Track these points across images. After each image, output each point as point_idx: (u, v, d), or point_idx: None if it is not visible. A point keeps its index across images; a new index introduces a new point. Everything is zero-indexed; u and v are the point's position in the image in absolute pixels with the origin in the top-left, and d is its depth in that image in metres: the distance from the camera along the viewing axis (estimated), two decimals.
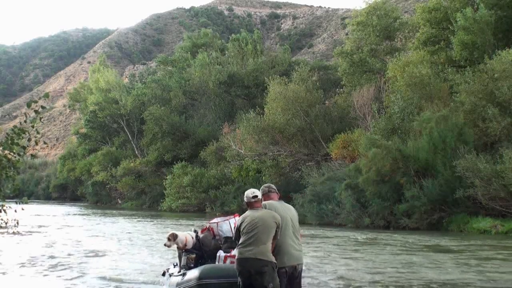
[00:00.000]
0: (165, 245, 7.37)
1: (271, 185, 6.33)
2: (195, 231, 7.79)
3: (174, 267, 7.92)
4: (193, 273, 6.54)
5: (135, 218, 29.70)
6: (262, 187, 6.27)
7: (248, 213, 5.84)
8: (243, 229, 5.70)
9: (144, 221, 27.56)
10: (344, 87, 34.35)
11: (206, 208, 36.15)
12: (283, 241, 5.85)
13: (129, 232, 20.06)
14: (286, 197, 28.83)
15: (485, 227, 18.95)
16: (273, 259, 5.61)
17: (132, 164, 47.97)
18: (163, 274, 8.10)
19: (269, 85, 32.78)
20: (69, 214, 34.74)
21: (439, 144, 21.02)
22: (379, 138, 22.97)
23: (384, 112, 26.93)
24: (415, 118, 23.08)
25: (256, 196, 5.91)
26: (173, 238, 7.28)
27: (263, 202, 5.99)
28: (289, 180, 30.42)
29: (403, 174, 21.58)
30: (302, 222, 5.68)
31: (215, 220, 7.71)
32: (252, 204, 5.89)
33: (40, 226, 22.53)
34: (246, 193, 6.00)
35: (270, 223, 5.67)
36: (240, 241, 5.71)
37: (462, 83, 22.88)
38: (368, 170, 21.94)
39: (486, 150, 21.19)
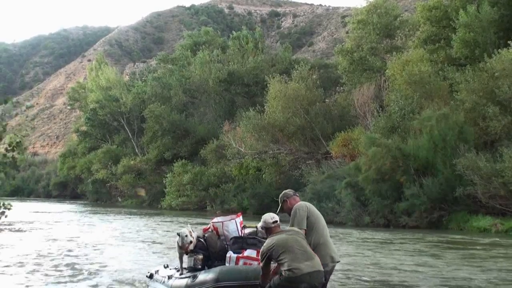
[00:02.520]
0: (190, 242, 6.82)
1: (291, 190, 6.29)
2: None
3: (165, 269, 7.50)
4: (209, 275, 6.12)
5: (135, 216, 29.69)
6: (285, 191, 6.14)
7: (271, 237, 5.57)
8: (277, 251, 5.37)
9: (144, 219, 27.55)
10: (344, 85, 34.35)
11: (207, 206, 36.18)
12: (327, 240, 5.76)
13: (128, 230, 20.07)
14: None
15: (485, 225, 18.97)
16: None
17: (132, 162, 47.99)
18: (150, 277, 7.55)
19: (269, 84, 32.78)
20: (69, 212, 34.73)
21: (439, 142, 21.03)
22: (379, 137, 22.98)
23: (384, 111, 26.92)
24: (415, 116, 23.08)
25: (276, 221, 5.72)
26: (191, 234, 6.86)
27: (300, 203, 5.88)
28: (289, 179, 30.43)
29: (403, 172, 21.59)
30: None
31: (217, 219, 7.22)
32: (271, 229, 5.67)
33: (39, 223, 22.54)
34: (265, 217, 5.78)
35: (302, 237, 5.54)
36: (285, 261, 5.27)
37: (462, 82, 22.88)
38: (368, 168, 21.95)
39: (486, 149, 21.21)
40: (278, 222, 5.73)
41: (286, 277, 5.22)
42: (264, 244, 5.57)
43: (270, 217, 5.75)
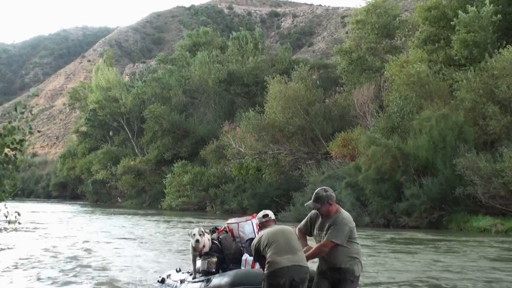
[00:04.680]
0: (197, 241, 6.45)
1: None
2: (211, 230, 7.07)
3: (177, 273, 7.25)
4: (224, 279, 5.87)
5: (136, 217, 29.67)
6: (332, 193, 5.39)
7: (262, 230, 5.52)
8: (263, 244, 5.22)
9: (144, 220, 27.53)
10: (344, 85, 34.35)
11: (207, 207, 36.16)
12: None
13: (129, 231, 20.05)
14: (286, 196, 28.95)
15: (485, 225, 18.97)
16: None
17: (132, 163, 47.96)
18: (162, 281, 7.34)
19: (269, 84, 32.78)
20: (69, 213, 34.71)
21: (439, 142, 21.04)
22: (379, 137, 22.99)
23: (384, 111, 26.92)
24: (415, 116, 23.10)
25: (267, 215, 5.64)
26: (203, 234, 6.54)
27: (349, 217, 5.36)
28: (289, 179, 30.42)
29: (403, 172, 21.59)
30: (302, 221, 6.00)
31: (233, 220, 6.89)
32: (263, 224, 5.63)
33: (38, 224, 22.49)
34: (258, 214, 5.77)
35: (289, 231, 5.35)
36: (268, 254, 5.11)
37: (462, 80, 22.88)
38: (368, 168, 21.96)
39: (486, 149, 21.22)
40: (270, 216, 5.62)
41: (266, 271, 5.05)
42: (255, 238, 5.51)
43: (261, 213, 5.71)
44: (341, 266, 5.17)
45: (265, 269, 5.10)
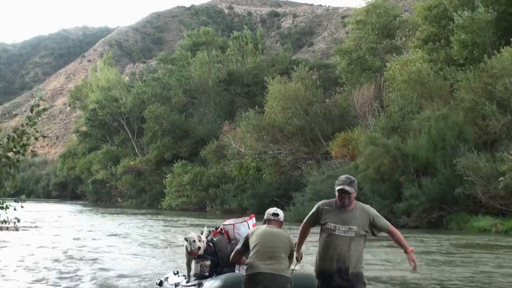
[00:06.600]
0: (198, 248, 6.32)
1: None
2: (208, 231, 6.90)
3: (174, 275, 7.15)
4: (214, 283, 5.77)
5: (135, 217, 29.65)
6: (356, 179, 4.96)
7: (260, 226, 5.31)
8: (251, 240, 5.06)
9: (144, 220, 27.52)
10: (344, 85, 34.35)
11: (207, 207, 36.15)
12: None
13: (128, 230, 20.04)
14: (286, 196, 28.95)
15: (485, 225, 18.98)
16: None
17: (132, 163, 47.95)
18: (160, 284, 7.24)
19: (269, 84, 32.77)
20: (69, 212, 34.69)
21: (439, 142, 21.05)
22: (379, 136, 22.98)
23: (384, 111, 26.91)
24: (415, 116, 23.09)
25: (277, 215, 5.32)
26: (199, 239, 6.38)
27: (364, 206, 5.03)
28: (289, 179, 30.40)
29: (403, 172, 21.59)
30: (302, 221, 5.78)
31: (229, 221, 6.67)
32: (269, 221, 5.28)
33: (38, 224, 22.47)
34: (268, 209, 5.43)
35: (281, 237, 5.10)
36: (250, 254, 4.95)
37: (462, 80, 22.87)
38: (366, 167, 21.96)
39: (486, 149, 21.21)
40: (279, 217, 5.33)
41: (245, 273, 4.91)
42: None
43: (273, 209, 5.43)
44: (355, 265, 4.66)
45: (245, 270, 4.98)
